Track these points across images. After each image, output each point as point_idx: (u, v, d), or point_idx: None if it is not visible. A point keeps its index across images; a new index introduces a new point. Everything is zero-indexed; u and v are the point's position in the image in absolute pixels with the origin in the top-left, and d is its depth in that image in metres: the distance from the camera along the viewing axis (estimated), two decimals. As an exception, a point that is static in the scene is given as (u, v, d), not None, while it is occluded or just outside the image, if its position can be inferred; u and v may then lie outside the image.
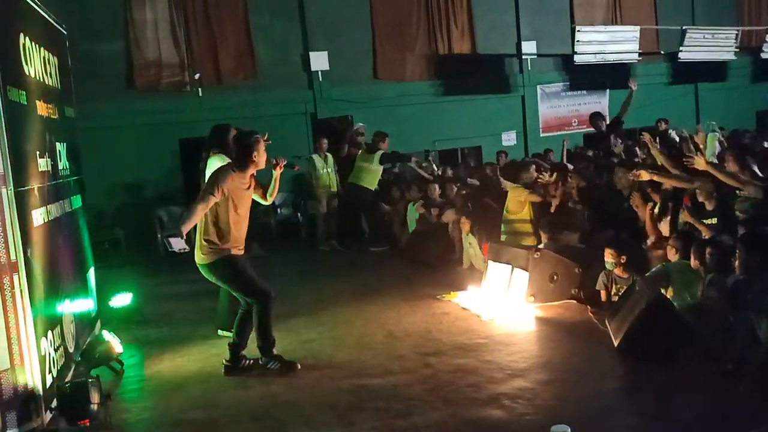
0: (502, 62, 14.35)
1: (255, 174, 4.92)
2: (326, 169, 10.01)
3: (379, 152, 9.70)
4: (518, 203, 7.33)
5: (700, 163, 5.53)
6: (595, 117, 9.79)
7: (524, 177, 7.44)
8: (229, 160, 5.02)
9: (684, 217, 5.60)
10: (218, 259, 4.71)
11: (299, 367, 4.82)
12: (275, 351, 4.87)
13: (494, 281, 6.51)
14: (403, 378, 4.55)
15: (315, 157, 10.04)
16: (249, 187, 4.85)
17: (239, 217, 4.76)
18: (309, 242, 10.23)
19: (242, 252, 4.85)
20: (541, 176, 7.25)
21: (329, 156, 10.14)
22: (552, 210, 7.13)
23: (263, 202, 5.13)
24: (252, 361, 4.91)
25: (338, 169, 10.22)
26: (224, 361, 4.91)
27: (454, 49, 13.81)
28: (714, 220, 5.50)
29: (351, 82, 12.95)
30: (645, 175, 5.91)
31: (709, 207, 5.58)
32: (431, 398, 4.17)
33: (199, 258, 4.77)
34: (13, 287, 3.78)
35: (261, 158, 4.78)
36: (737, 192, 5.53)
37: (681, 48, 14.50)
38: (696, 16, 15.60)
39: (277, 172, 4.96)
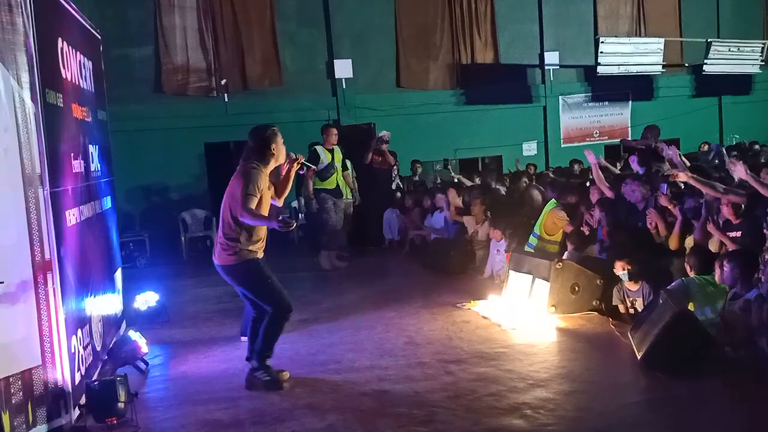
0: (525, 72, 14.39)
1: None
2: (353, 176, 9.98)
3: None
4: (555, 225, 7.22)
5: (681, 177, 5.85)
6: (650, 129, 8.66)
7: (569, 199, 7.25)
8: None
9: (709, 229, 5.55)
10: (243, 261, 4.53)
11: (285, 386, 4.63)
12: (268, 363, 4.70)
13: (515, 291, 6.51)
14: (424, 385, 4.57)
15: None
16: (269, 186, 4.68)
17: None
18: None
19: (263, 255, 4.70)
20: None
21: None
22: (583, 227, 7.07)
23: (275, 203, 4.88)
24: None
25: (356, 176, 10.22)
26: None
27: (477, 59, 13.89)
28: (738, 234, 5.46)
29: (374, 90, 13.06)
30: (683, 177, 5.93)
31: (734, 221, 5.55)
32: (453, 406, 4.18)
33: (222, 258, 4.57)
34: (46, 285, 3.87)
35: (280, 151, 4.63)
36: None
37: (706, 60, 14.42)
38: (721, 28, 15.50)
39: (293, 169, 4.77)
